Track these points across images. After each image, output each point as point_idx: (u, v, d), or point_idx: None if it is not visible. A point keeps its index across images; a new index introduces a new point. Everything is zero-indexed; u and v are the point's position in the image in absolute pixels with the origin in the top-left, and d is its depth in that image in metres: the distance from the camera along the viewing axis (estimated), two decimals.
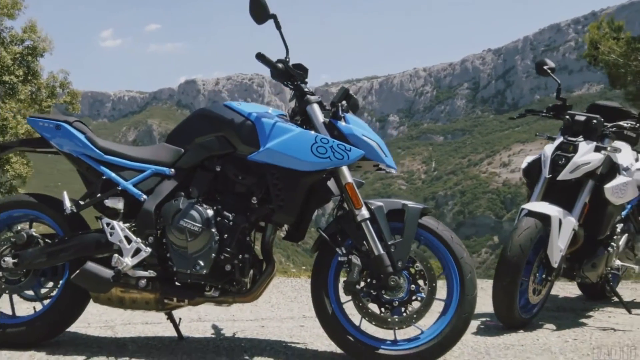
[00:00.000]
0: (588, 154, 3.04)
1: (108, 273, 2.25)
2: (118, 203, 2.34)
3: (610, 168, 3.10)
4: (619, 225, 3.38)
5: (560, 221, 2.90)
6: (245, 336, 2.73)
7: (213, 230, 2.21)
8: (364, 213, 2.20)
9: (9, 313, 2.45)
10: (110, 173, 2.37)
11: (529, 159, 3.33)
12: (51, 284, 2.48)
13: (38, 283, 2.46)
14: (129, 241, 2.27)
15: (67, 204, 2.37)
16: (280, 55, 2.31)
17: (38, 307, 2.44)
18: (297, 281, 4.52)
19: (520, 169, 3.35)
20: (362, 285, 2.21)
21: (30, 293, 2.46)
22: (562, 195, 3.06)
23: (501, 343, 2.67)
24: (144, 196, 2.32)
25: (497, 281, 2.87)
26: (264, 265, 2.31)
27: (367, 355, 2.20)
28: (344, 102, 2.33)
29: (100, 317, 3.02)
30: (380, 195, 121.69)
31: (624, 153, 3.17)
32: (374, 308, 2.22)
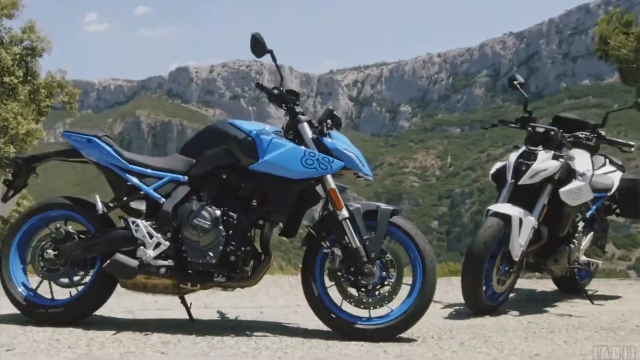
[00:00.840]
0: (546, 162, 3.80)
1: (134, 263, 3.03)
2: (141, 205, 3.13)
3: (568, 173, 3.85)
4: (580, 224, 4.14)
5: (520, 220, 3.66)
6: (246, 319, 3.50)
7: (220, 227, 2.98)
8: (345, 213, 2.97)
9: (49, 297, 3.23)
10: (134, 180, 3.15)
11: (498, 165, 4.11)
12: (82, 273, 3.26)
13: (72, 272, 3.24)
14: (151, 236, 3.05)
15: (99, 206, 3.15)
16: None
17: (73, 292, 3.22)
18: (294, 278, 5.29)
19: (489, 174, 4.12)
20: (343, 272, 2.96)
21: (64, 280, 3.24)
22: (525, 197, 3.82)
23: (465, 324, 3.43)
24: (163, 199, 3.10)
25: (464, 273, 3.65)
26: (263, 256, 3.09)
27: (347, 329, 2.98)
28: (329, 121, 3.11)
29: (119, 305, 3.80)
30: (389, 192, 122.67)
31: (581, 160, 3.91)
32: (353, 291, 2.98)
